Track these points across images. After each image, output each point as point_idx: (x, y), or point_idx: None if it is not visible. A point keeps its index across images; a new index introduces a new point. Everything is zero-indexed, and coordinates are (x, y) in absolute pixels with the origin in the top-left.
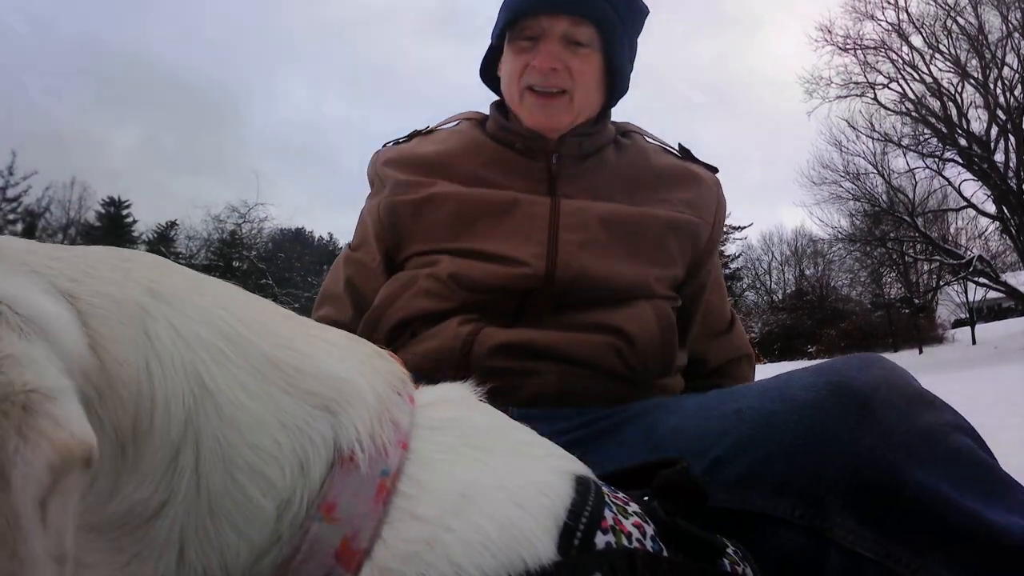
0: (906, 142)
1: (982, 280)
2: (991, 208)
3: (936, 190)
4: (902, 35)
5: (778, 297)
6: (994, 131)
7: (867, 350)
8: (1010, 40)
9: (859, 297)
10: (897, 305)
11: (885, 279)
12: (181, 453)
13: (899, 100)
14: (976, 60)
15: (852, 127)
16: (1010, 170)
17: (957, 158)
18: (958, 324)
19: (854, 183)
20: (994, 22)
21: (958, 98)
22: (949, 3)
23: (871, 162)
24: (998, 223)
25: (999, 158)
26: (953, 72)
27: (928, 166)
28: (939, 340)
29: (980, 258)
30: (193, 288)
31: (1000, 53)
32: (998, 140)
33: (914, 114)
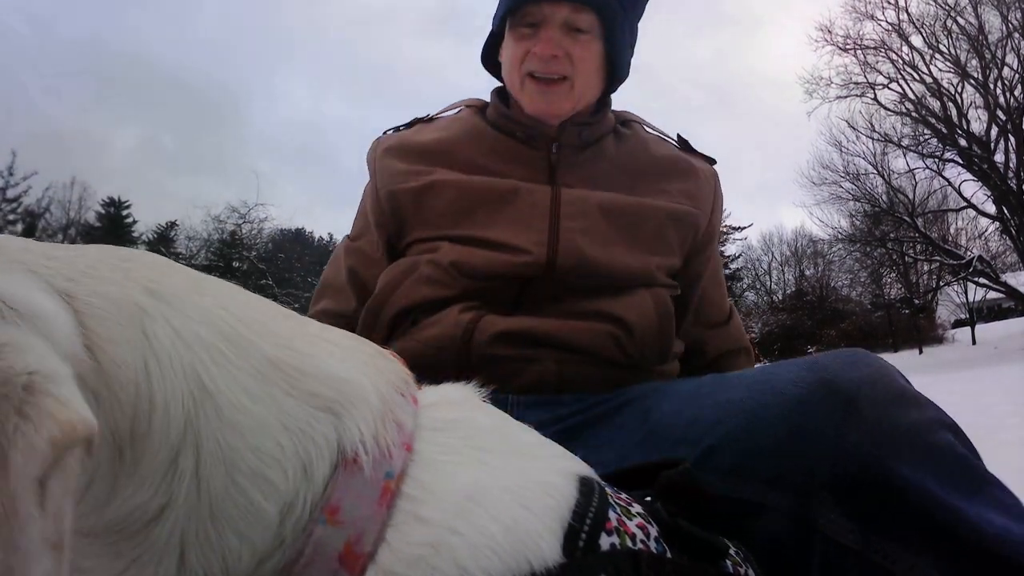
0: (906, 142)
1: (982, 280)
2: (991, 208)
3: (936, 190)
4: (902, 35)
5: (778, 297)
6: (994, 131)
7: (867, 350)
8: (1010, 40)
9: (859, 297)
10: (897, 305)
11: (885, 279)
12: (181, 456)
13: (899, 100)
14: (976, 60)
15: (852, 127)
16: (1010, 170)
17: (957, 158)
18: (958, 324)
19: (854, 183)
20: (994, 22)
21: (958, 98)
22: (949, 3)
23: (871, 162)
24: (998, 223)
25: (999, 158)
26: (953, 72)
27: (928, 166)
28: (939, 340)
29: (980, 258)
30: (193, 288)
31: (1000, 53)
32: (998, 140)
33: (914, 114)
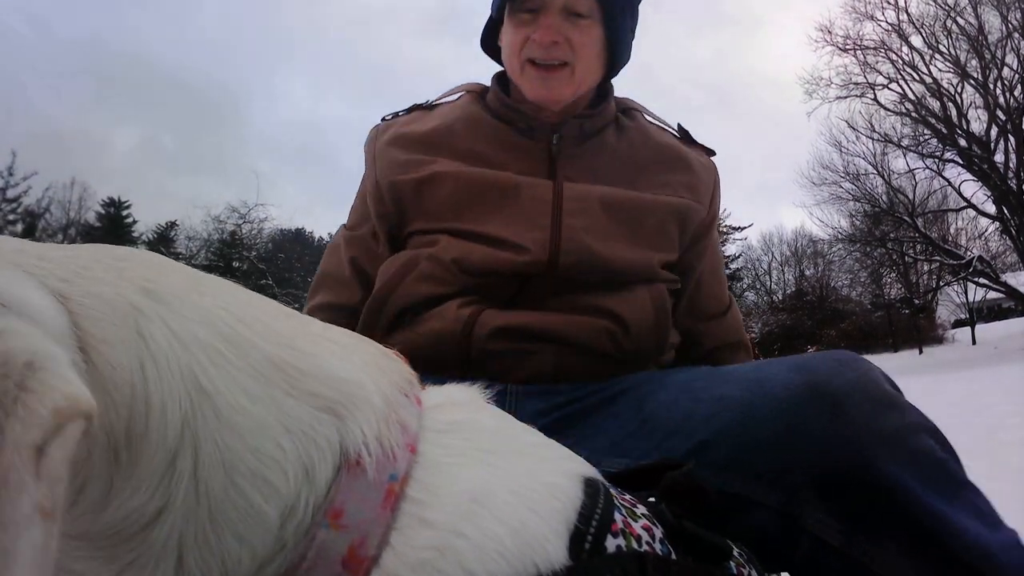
0: (906, 143)
1: (982, 280)
2: (991, 208)
3: (936, 190)
4: (902, 35)
5: (778, 297)
6: (994, 131)
7: (867, 350)
8: (1010, 40)
9: (859, 297)
10: (897, 305)
11: (885, 279)
12: (178, 458)
13: (899, 100)
14: (976, 60)
15: (852, 128)
16: (1010, 170)
17: (957, 158)
18: (958, 324)
19: (854, 184)
20: (994, 22)
21: (958, 98)
22: (949, 3)
23: (871, 163)
24: (998, 223)
25: (999, 158)
26: (953, 72)
27: (928, 167)
28: (939, 340)
29: (980, 258)
30: (191, 287)
31: (1000, 53)
32: (998, 140)
33: (914, 114)
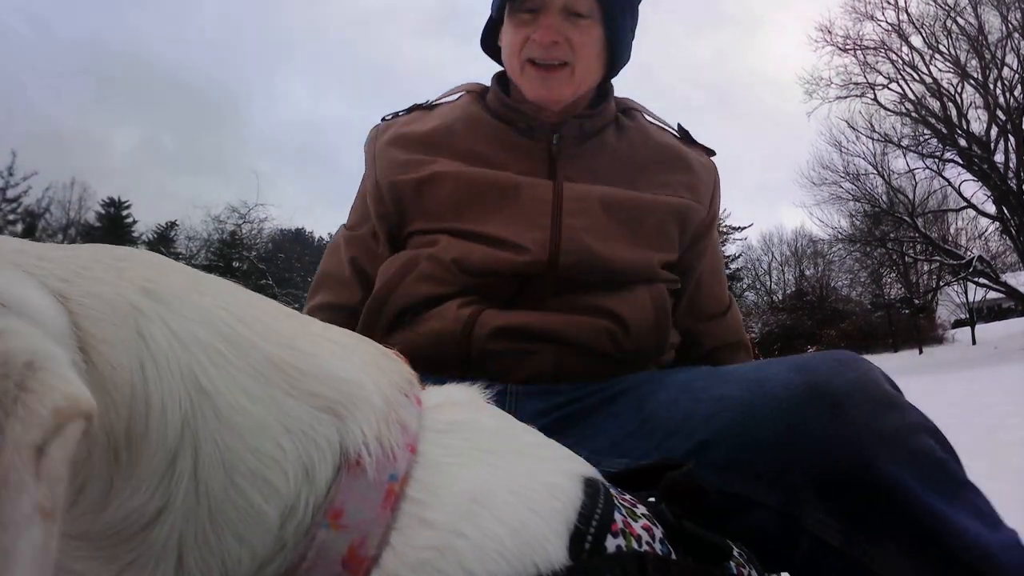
0: (906, 143)
1: (982, 280)
2: (991, 208)
3: (936, 191)
4: (902, 35)
5: (778, 297)
6: (994, 131)
7: (867, 350)
8: (1010, 40)
9: (859, 297)
10: (897, 305)
11: (885, 279)
12: (178, 458)
13: (899, 100)
14: (976, 60)
15: (852, 128)
16: (1010, 170)
17: (957, 158)
18: (958, 324)
19: (854, 184)
20: (994, 22)
21: (958, 98)
22: (949, 3)
23: (871, 163)
24: (998, 223)
25: (999, 158)
26: (953, 72)
27: (928, 167)
28: (939, 340)
29: (980, 258)
30: (191, 287)
31: (1000, 53)
32: (998, 140)
33: (914, 114)
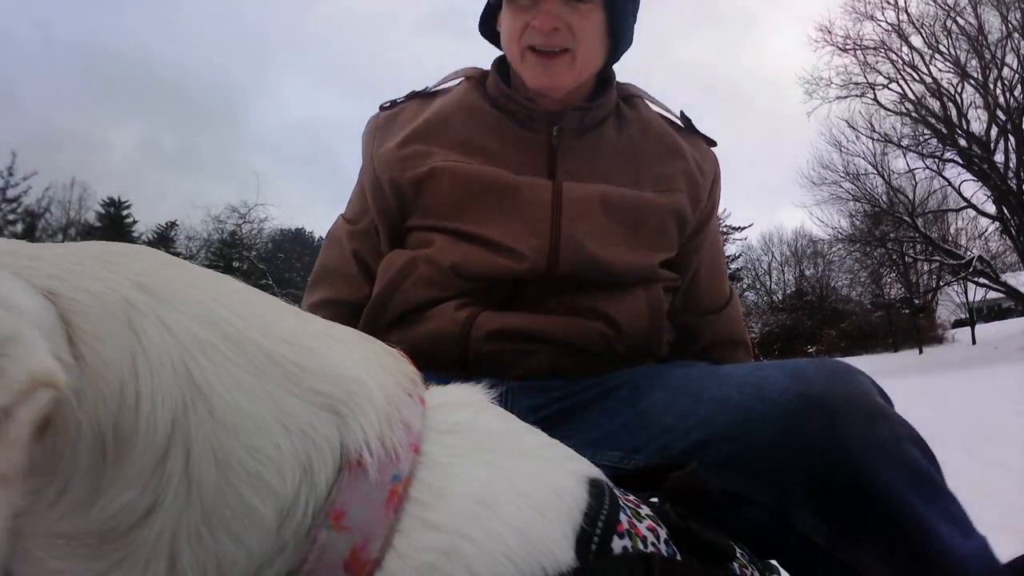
0: (906, 142)
1: (982, 280)
2: (991, 208)
3: (936, 190)
4: (902, 35)
5: (778, 297)
6: (994, 131)
7: (867, 350)
8: (1010, 40)
9: (859, 297)
10: (897, 305)
11: (885, 279)
12: (169, 456)
13: (899, 100)
14: (976, 60)
15: (852, 127)
16: (1010, 170)
17: (957, 158)
18: (958, 324)
19: (854, 183)
20: (994, 22)
21: (958, 98)
22: (949, 3)
23: (871, 162)
24: (998, 223)
25: (999, 158)
26: (953, 72)
27: (928, 166)
28: (939, 340)
29: (980, 258)
30: (187, 282)
31: (1000, 53)
32: (998, 140)
33: (914, 114)
